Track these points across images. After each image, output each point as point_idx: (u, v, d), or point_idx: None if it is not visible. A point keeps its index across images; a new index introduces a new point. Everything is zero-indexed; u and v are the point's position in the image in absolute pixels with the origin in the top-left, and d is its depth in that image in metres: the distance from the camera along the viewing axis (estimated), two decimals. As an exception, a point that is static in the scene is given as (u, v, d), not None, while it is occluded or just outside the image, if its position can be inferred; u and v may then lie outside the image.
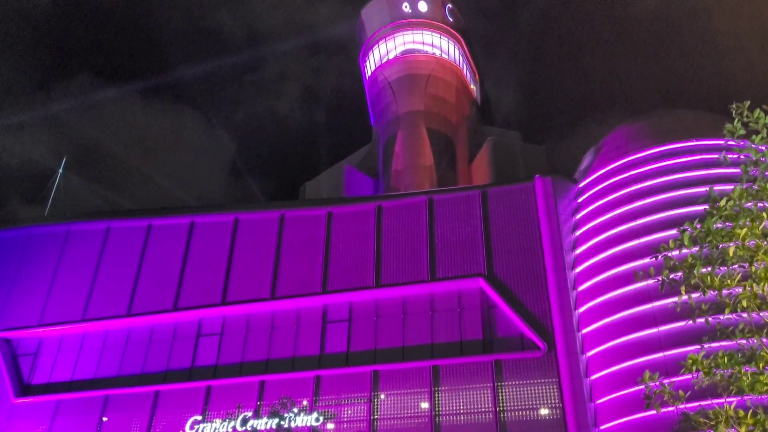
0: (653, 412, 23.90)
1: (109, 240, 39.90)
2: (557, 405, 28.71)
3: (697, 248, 9.75)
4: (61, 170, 50.23)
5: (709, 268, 9.59)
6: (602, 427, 27.92)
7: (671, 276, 9.75)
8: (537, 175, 35.10)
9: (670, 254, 9.71)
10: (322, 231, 36.61)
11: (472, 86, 60.34)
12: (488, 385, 30.04)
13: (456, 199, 36.05)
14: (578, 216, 34.62)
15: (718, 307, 9.80)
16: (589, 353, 29.93)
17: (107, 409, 34.25)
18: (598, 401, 28.60)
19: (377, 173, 55.47)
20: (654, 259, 9.91)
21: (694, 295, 9.80)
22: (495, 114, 72.44)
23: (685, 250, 9.58)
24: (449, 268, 33.64)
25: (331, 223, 36.82)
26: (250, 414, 30.92)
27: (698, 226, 9.60)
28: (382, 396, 31.15)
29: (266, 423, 29.18)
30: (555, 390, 29.09)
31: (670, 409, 10.75)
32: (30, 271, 40.04)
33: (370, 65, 59.10)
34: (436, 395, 30.49)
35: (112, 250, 39.48)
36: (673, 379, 9.98)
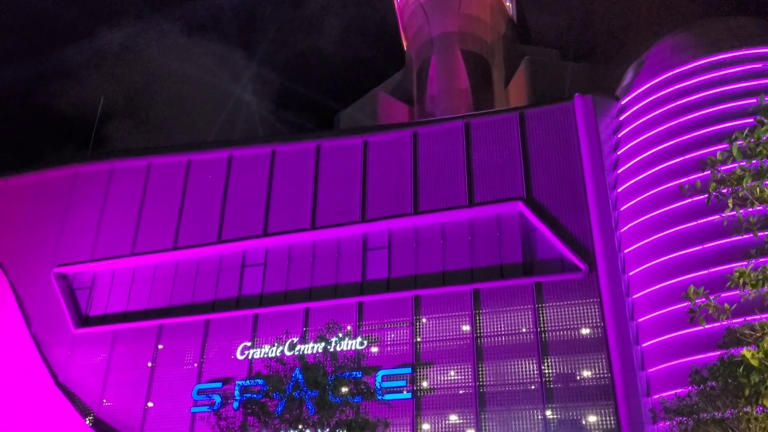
0: (697, 328, 23.92)
1: (151, 176, 40.75)
2: (599, 324, 28.88)
3: (745, 161, 9.39)
4: (99, 111, 51.02)
5: (759, 181, 9.26)
6: (644, 345, 28.09)
7: (719, 190, 9.46)
8: (576, 94, 34.06)
9: (717, 168, 9.39)
10: (358, 160, 36.59)
11: (507, 3, 57.99)
12: (529, 306, 30.30)
13: (493, 122, 35.39)
14: (620, 134, 33.69)
15: (766, 221, 9.53)
16: (632, 272, 29.79)
17: (162, 338, 35.92)
18: (640, 319, 28.67)
19: (412, 99, 54.57)
20: (701, 173, 9.60)
21: (742, 211, 9.52)
22: (532, 32, 69.80)
23: (732, 163, 9.25)
24: (487, 192, 33.44)
25: (367, 151, 36.72)
26: (296, 339, 32.03)
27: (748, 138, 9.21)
28: (424, 320, 31.80)
29: (313, 347, 30.23)
30: (596, 310, 29.20)
31: (714, 325, 10.68)
32: (79, 209, 41.37)
33: (401, -13, 57.11)
34: (478, 318, 30.96)
35: (155, 186, 40.37)
36: (718, 295, 9.84)
